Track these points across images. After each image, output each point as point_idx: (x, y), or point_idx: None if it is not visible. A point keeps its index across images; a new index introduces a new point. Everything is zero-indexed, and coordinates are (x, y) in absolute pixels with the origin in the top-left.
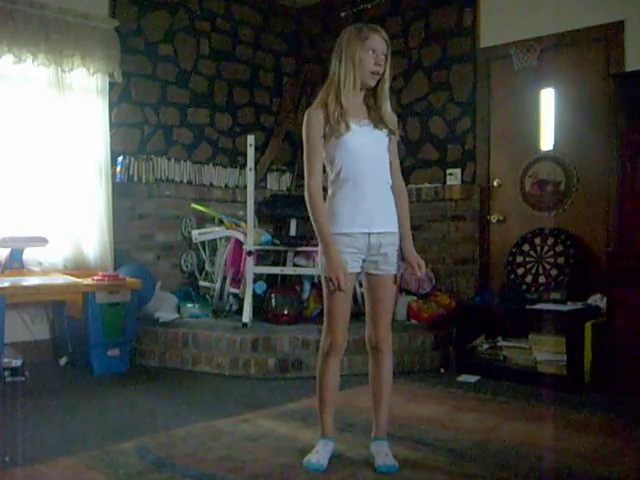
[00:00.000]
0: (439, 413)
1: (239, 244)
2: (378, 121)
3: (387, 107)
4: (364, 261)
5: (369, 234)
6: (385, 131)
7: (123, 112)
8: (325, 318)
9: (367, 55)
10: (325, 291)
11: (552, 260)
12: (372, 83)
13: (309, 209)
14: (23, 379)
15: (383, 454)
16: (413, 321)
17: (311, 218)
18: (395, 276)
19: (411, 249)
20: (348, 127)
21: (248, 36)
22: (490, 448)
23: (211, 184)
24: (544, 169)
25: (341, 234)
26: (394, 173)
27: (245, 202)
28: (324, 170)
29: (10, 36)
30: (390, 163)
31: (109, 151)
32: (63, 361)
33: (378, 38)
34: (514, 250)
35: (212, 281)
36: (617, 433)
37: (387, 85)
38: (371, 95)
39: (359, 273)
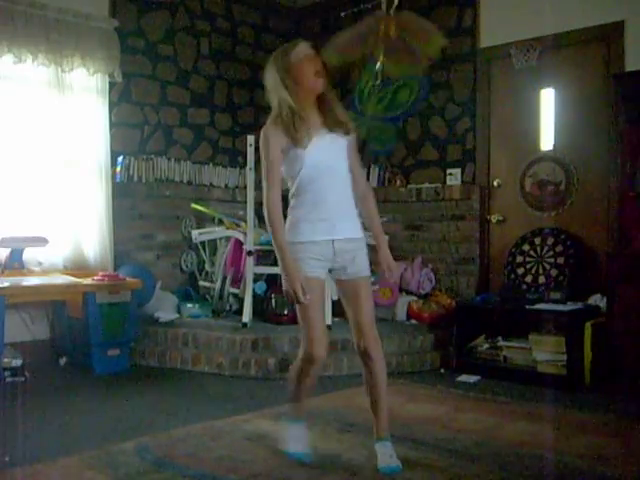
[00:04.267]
0: (439, 413)
1: (239, 244)
2: (333, 125)
3: (339, 108)
4: (331, 270)
5: (333, 241)
6: (342, 134)
7: (123, 112)
8: (302, 330)
9: (302, 63)
10: (297, 305)
11: (552, 260)
12: (319, 87)
13: (267, 221)
14: (23, 379)
15: (387, 455)
16: (413, 321)
17: (269, 229)
18: (368, 278)
19: (384, 251)
20: (309, 139)
21: (248, 36)
22: (490, 448)
23: (211, 184)
24: (544, 169)
25: (306, 242)
26: (356, 176)
27: (245, 202)
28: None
29: (10, 36)
30: (350, 166)
31: (109, 151)
32: (63, 361)
33: (304, 45)
34: (514, 250)
35: (212, 281)
36: (617, 433)
37: (330, 87)
38: (321, 101)
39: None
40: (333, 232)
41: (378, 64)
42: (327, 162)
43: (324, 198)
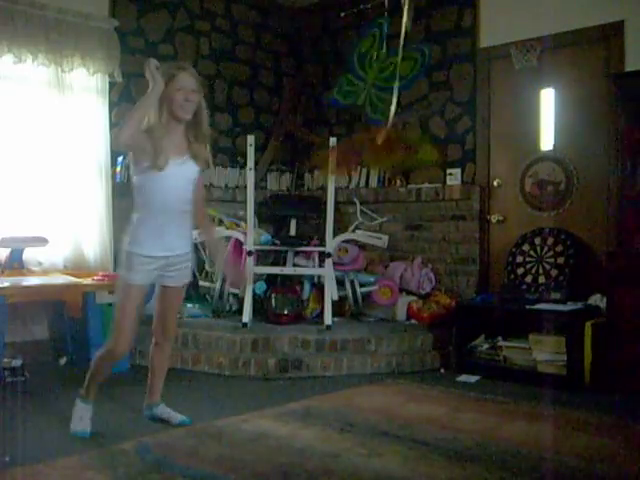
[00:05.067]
0: (439, 413)
1: (239, 244)
2: (194, 156)
3: (201, 144)
4: (161, 276)
5: (168, 257)
6: (198, 165)
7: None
8: (115, 324)
9: (176, 92)
10: (120, 296)
11: (552, 260)
12: (185, 116)
13: (125, 126)
14: (23, 379)
15: (173, 413)
16: (413, 321)
17: (129, 121)
18: (185, 286)
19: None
20: (164, 165)
21: (248, 36)
22: (490, 448)
23: (211, 184)
24: (544, 169)
25: (144, 255)
26: (199, 207)
27: (245, 202)
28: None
29: (10, 36)
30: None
31: (109, 151)
32: (63, 361)
33: (188, 77)
34: (514, 250)
35: (212, 281)
36: (617, 433)
37: (204, 119)
38: (191, 128)
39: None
40: (169, 249)
41: (384, 28)
42: (177, 188)
43: (166, 219)
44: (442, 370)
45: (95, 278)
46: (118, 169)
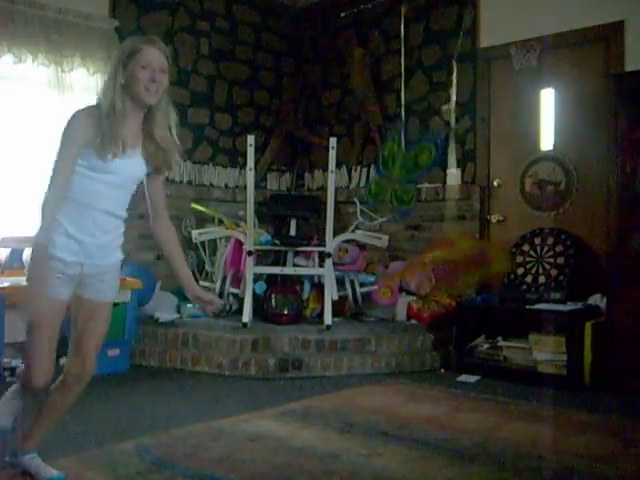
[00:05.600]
0: (439, 413)
1: (239, 244)
2: (149, 154)
3: (162, 135)
4: (78, 285)
5: (82, 264)
6: (148, 167)
7: None
8: (27, 352)
9: (140, 70)
10: (30, 312)
11: (552, 260)
12: (150, 100)
13: (43, 212)
14: None
15: (45, 467)
16: (413, 321)
17: (42, 221)
18: (110, 303)
19: (193, 287)
20: (119, 153)
21: (248, 36)
22: (490, 448)
23: (211, 184)
24: (544, 169)
25: (56, 257)
26: (159, 215)
27: (245, 202)
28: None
29: (10, 36)
30: (155, 204)
31: None
32: (63, 361)
33: (153, 50)
34: (514, 250)
35: (212, 281)
36: (617, 433)
37: (163, 106)
38: (150, 120)
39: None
40: (85, 255)
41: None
42: (115, 184)
43: (93, 219)
44: (442, 370)
45: None
46: None
